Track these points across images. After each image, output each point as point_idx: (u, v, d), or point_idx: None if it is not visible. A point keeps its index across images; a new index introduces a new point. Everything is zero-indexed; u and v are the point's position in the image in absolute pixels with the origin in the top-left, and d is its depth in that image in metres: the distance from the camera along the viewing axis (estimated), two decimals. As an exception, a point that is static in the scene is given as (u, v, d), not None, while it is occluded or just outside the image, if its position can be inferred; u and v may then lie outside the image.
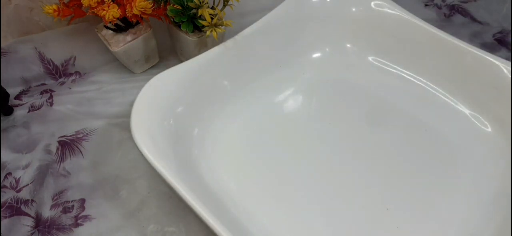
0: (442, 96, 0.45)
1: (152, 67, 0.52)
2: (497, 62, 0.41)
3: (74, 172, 0.42)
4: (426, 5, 0.61)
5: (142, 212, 0.39)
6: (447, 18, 0.60)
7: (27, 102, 0.48)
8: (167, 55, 0.53)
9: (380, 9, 0.47)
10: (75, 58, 0.50)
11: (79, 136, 0.45)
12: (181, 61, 0.41)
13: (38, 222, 0.39)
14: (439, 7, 0.61)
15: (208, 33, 0.42)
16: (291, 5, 0.46)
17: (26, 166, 0.42)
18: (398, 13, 0.46)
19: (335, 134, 0.43)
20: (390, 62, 0.48)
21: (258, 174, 0.39)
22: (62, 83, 0.50)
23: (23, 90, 0.49)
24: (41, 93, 0.49)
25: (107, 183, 0.41)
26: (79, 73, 0.51)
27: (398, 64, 0.48)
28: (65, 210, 0.39)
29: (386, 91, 0.46)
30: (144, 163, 0.41)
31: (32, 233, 0.38)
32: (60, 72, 0.50)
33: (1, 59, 0.47)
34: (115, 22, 0.44)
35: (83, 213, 0.39)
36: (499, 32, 0.57)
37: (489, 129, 0.43)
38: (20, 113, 0.47)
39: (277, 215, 0.37)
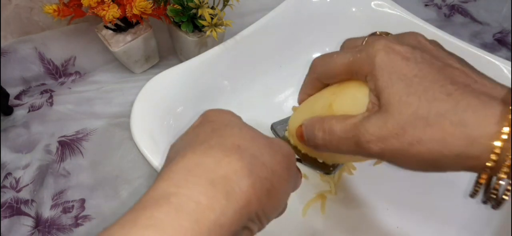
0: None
1: (152, 67, 0.52)
2: (497, 62, 0.41)
3: (74, 172, 0.42)
4: (426, 5, 0.61)
5: (142, 212, 0.39)
6: (447, 18, 0.60)
7: (27, 102, 0.48)
8: (167, 55, 0.53)
9: (380, 9, 0.47)
10: (75, 58, 0.50)
11: (79, 136, 0.45)
12: (181, 61, 0.41)
13: (38, 222, 0.39)
14: (439, 7, 0.61)
15: (208, 33, 0.42)
16: (291, 5, 0.46)
17: (26, 166, 0.42)
18: (398, 13, 0.46)
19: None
20: (390, 62, 0.48)
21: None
22: (62, 83, 0.50)
23: (23, 90, 0.49)
24: (41, 93, 0.49)
25: (107, 183, 0.41)
26: (79, 73, 0.51)
27: (398, 64, 0.48)
28: (65, 210, 0.39)
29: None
30: (144, 163, 0.41)
31: (32, 233, 0.38)
32: (60, 72, 0.50)
33: (1, 59, 0.47)
34: (115, 22, 0.44)
35: (83, 213, 0.39)
36: (499, 32, 0.57)
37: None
38: (20, 113, 0.47)
39: (277, 215, 0.37)
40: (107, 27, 0.46)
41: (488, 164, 0.18)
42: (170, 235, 0.16)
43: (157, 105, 0.37)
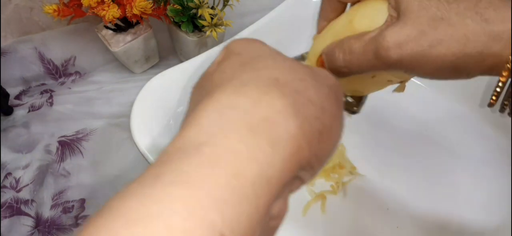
0: (442, 96, 0.45)
1: (152, 67, 0.52)
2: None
3: (74, 172, 0.42)
4: (426, 5, 0.61)
5: (142, 212, 0.39)
6: (447, 18, 0.59)
7: (27, 102, 0.48)
8: (167, 55, 0.53)
9: (380, 9, 0.47)
10: (75, 58, 0.50)
11: (79, 136, 0.45)
12: (181, 61, 0.41)
13: (38, 222, 0.39)
14: (439, 7, 0.61)
15: (208, 33, 0.42)
16: (291, 5, 0.46)
17: (26, 166, 0.42)
18: (398, 13, 0.46)
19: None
20: (390, 62, 0.48)
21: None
22: (62, 83, 0.50)
23: (23, 90, 0.49)
24: (41, 93, 0.49)
25: (107, 183, 0.41)
26: (79, 73, 0.51)
27: (398, 64, 0.48)
28: (65, 210, 0.39)
29: (386, 91, 0.46)
30: (144, 163, 0.41)
31: (32, 233, 0.38)
32: (60, 72, 0.50)
33: (1, 59, 0.47)
34: (115, 22, 0.44)
35: (83, 213, 0.39)
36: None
37: (489, 129, 0.43)
38: (20, 113, 0.47)
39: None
40: (107, 27, 0.46)
41: (509, 60, 0.18)
42: (203, 193, 0.13)
43: (157, 105, 0.37)
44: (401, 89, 0.30)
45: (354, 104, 0.29)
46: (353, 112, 0.29)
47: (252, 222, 0.13)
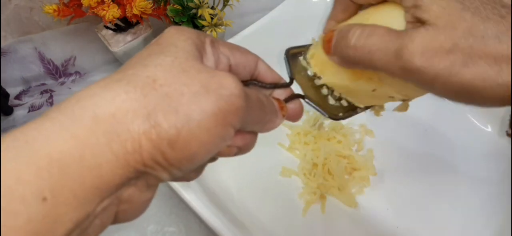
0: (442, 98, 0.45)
1: (152, 67, 0.52)
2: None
3: (74, 172, 0.42)
4: (426, 5, 0.61)
5: (142, 212, 0.39)
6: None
7: (27, 102, 0.48)
8: (167, 55, 0.53)
9: (380, 9, 0.47)
10: (75, 58, 0.50)
11: (79, 136, 0.45)
12: (181, 61, 0.41)
13: (38, 222, 0.39)
14: (439, 7, 0.61)
15: (208, 33, 0.42)
16: (291, 5, 0.46)
17: (26, 166, 0.42)
18: (398, 13, 0.46)
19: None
20: (390, 62, 0.48)
21: (258, 174, 0.39)
22: (62, 83, 0.50)
23: (23, 90, 0.49)
24: (41, 93, 0.49)
25: (107, 183, 0.41)
26: (79, 73, 0.51)
27: (398, 64, 0.48)
28: (65, 210, 0.39)
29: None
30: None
31: (32, 233, 0.38)
32: (60, 72, 0.50)
33: (1, 59, 0.47)
34: (115, 22, 0.44)
35: (83, 213, 0.39)
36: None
37: (489, 129, 0.43)
38: (20, 113, 0.47)
39: (276, 214, 0.37)
40: (107, 27, 0.46)
41: None
42: (18, 171, 0.14)
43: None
44: (403, 108, 0.27)
45: (340, 112, 0.26)
46: (336, 119, 0.26)
47: (78, 196, 0.15)
